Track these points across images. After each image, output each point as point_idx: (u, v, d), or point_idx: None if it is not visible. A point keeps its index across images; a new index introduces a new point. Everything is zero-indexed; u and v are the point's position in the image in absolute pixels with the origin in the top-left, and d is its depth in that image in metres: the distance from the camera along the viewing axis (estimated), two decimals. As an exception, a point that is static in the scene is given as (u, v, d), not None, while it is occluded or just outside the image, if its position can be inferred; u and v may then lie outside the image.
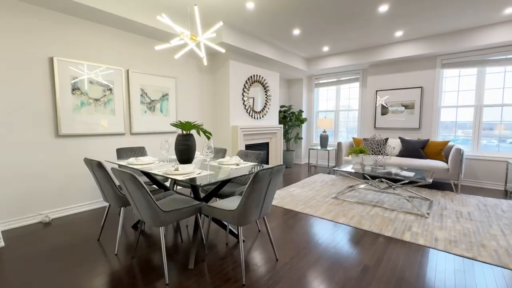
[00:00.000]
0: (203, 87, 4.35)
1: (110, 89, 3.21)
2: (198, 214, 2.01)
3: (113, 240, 2.29)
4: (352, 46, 4.83)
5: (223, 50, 2.51)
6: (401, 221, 2.74)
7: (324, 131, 5.59)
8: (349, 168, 3.60)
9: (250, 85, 4.63)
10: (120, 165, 2.43)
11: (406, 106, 4.84)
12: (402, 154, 4.42)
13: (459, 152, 3.69)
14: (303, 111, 6.17)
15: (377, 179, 3.59)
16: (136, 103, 3.47)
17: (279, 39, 4.46)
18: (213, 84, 4.50)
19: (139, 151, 3.11)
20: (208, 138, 2.34)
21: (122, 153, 2.96)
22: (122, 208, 2.10)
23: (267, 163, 5.33)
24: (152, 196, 1.61)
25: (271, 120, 5.28)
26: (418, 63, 4.69)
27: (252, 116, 4.73)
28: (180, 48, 3.92)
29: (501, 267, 1.88)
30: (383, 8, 3.27)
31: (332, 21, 3.67)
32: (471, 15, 3.47)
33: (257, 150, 5.02)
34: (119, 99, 3.30)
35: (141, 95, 3.52)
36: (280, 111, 6.04)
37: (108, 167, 3.28)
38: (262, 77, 4.88)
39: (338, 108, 6.09)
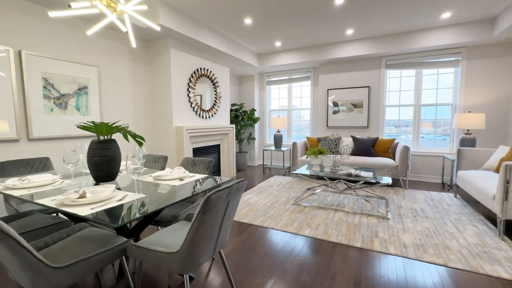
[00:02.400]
0: (137, 79, 3.57)
1: (-11, 77, 2.24)
2: (124, 257, 1.39)
3: (-18, 309, 1.47)
4: (305, 42, 4.66)
5: (157, 28, 1.91)
6: (366, 226, 2.58)
7: (278, 131, 5.34)
8: (306, 170, 3.36)
9: (197, 79, 4.02)
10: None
11: (355, 105, 4.92)
12: (354, 152, 4.43)
13: (407, 150, 3.82)
14: (255, 110, 5.82)
15: (336, 181, 3.44)
16: (36, 98, 2.53)
17: (229, 29, 3.98)
18: (150, 76, 3.75)
19: (41, 165, 2.24)
20: (140, 144, 1.72)
21: (10, 168, 2.06)
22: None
23: (219, 168, 4.79)
24: (28, 248, 0.95)
25: (222, 119, 4.76)
26: (365, 63, 4.79)
27: (200, 115, 4.13)
28: (96, 20, 3.08)
29: (473, 272, 1.79)
30: (339, 1, 3.09)
31: (286, 11, 3.36)
32: (413, 17, 3.59)
33: (207, 153, 4.44)
34: (6, 92, 2.34)
35: (45, 87, 2.60)
36: (231, 110, 5.56)
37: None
38: (211, 71, 4.32)
39: (290, 107, 5.93)
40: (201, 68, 4.09)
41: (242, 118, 5.58)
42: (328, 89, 5.14)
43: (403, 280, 1.72)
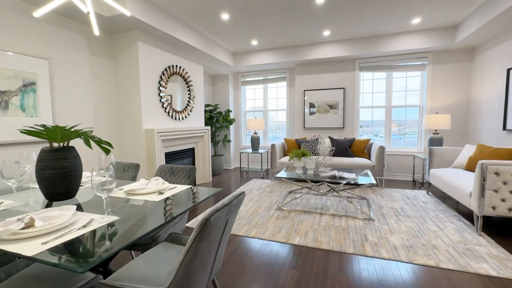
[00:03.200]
0: (99, 76, 3.13)
1: None
2: (89, 299, 1.09)
3: None
4: (281, 42, 4.57)
5: (127, 13, 1.61)
6: (354, 229, 2.53)
7: (255, 133, 5.18)
8: (287, 173, 3.24)
9: (168, 77, 3.68)
10: None
11: (331, 106, 4.97)
12: (333, 153, 4.45)
13: (382, 150, 3.92)
14: (231, 111, 5.59)
15: (319, 183, 3.38)
16: (-36, 95, 2.03)
17: (204, 25, 3.71)
18: (115, 73, 3.32)
19: (-29, 179, 1.77)
20: (107, 152, 1.41)
21: None
22: None
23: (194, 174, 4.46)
24: None
25: (196, 121, 4.45)
26: (340, 64, 4.87)
27: (172, 116, 3.79)
28: (44, 3, 2.62)
29: (464, 272, 1.80)
30: (320, 0, 3.03)
31: (266, 7, 3.21)
32: (386, 21, 3.70)
33: (181, 158, 4.10)
34: None
35: (-23, 82, 2.10)
36: (205, 111, 5.26)
37: None
38: (183, 69, 4.00)
39: (266, 108, 5.81)
40: (173, 65, 3.75)
41: (217, 120, 5.31)
42: (304, 90, 5.12)
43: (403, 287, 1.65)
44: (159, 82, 3.52)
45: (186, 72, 4.07)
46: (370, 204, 3.22)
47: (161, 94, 3.54)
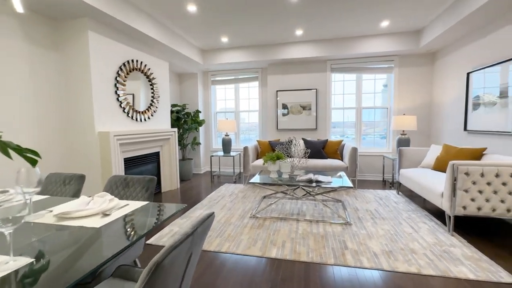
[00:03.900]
0: (40, 69, 2.62)
1: None
2: None
3: None
4: (253, 40, 4.38)
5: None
6: (332, 236, 2.41)
7: (227, 135, 4.91)
8: (262, 177, 3.06)
9: (128, 73, 3.26)
10: None
11: (304, 107, 4.90)
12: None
13: (355, 151, 3.92)
14: (200, 112, 5.25)
15: (295, 187, 3.23)
16: None
17: (169, 16, 3.36)
18: (60, 66, 2.83)
19: None
20: (34, 162, 1.07)
21: None
22: None
23: (159, 180, 4.06)
24: None
25: (161, 122, 4.06)
26: (312, 65, 4.82)
27: (133, 117, 3.37)
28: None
29: (445, 277, 1.75)
30: (293, -5, 2.90)
31: (237, 2, 2.99)
32: (357, 23, 3.71)
33: (144, 163, 3.68)
34: None
35: None
36: (172, 112, 4.85)
37: None
38: (145, 65, 3.60)
39: (238, 109, 5.57)
40: (132, 60, 3.34)
41: (185, 121, 4.94)
42: (277, 91, 4.99)
43: (389, 301, 1.54)
44: (116, 78, 3.10)
45: (149, 69, 3.68)
46: (345, 207, 3.15)
47: (119, 92, 3.12)
